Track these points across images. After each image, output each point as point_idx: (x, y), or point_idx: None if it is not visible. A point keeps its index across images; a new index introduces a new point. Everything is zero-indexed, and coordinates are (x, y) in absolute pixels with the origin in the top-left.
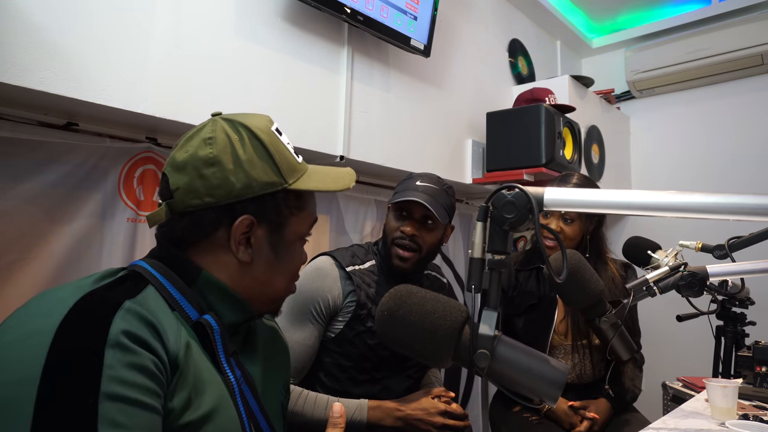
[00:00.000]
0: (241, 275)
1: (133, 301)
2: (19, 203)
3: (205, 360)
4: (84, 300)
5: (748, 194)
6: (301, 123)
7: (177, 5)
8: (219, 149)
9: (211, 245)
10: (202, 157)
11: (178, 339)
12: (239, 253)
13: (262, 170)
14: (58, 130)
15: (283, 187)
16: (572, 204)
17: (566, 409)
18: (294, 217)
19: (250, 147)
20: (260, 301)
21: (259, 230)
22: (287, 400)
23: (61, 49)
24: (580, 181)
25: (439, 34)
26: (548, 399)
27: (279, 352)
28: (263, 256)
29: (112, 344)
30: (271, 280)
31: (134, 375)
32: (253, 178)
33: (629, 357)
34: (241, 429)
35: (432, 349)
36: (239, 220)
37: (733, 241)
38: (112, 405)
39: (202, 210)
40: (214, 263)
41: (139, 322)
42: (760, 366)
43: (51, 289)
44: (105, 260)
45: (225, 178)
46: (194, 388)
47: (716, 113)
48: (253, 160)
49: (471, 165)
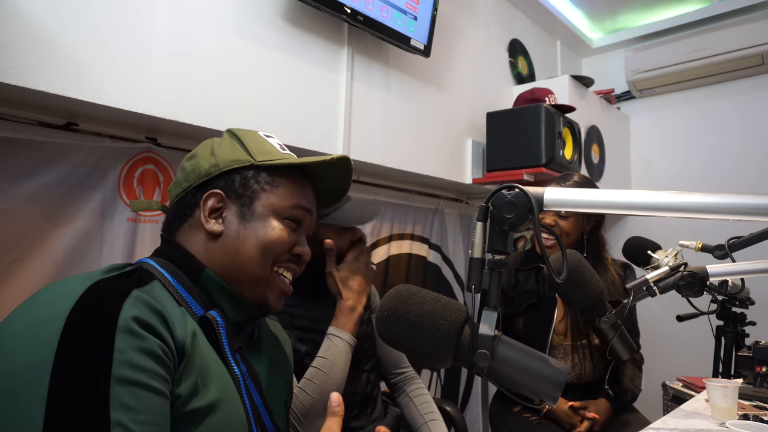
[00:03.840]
0: (213, 250)
1: (141, 290)
2: (19, 203)
3: (211, 352)
4: (94, 288)
5: (748, 194)
6: (301, 123)
7: (177, 6)
8: (200, 148)
9: (191, 226)
10: (186, 158)
11: (184, 328)
12: (207, 224)
13: (230, 151)
14: (58, 130)
15: (251, 163)
16: (572, 204)
17: (566, 410)
18: (265, 193)
19: (228, 140)
20: (239, 282)
21: (230, 203)
22: (290, 398)
23: (61, 48)
24: (580, 181)
25: (439, 34)
26: (548, 399)
27: (283, 352)
28: (232, 228)
29: (122, 329)
30: (240, 251)
31: (144, 359)
32: (219, 158)
33: (629, 357)
34: (246, 422)
35: (432, 349)
36: (207, 193)
37: (733, 241)
38: (123, 388)
39: (182, 195)
40: (194, 242)
41: (147, 309)
42: (760, 366)
43: (60, 280)
44: (105, 260)
45: (197, 164)
46: (201, 377)
47: (716, 113)
48: (223, 145)
49: (471, 165)
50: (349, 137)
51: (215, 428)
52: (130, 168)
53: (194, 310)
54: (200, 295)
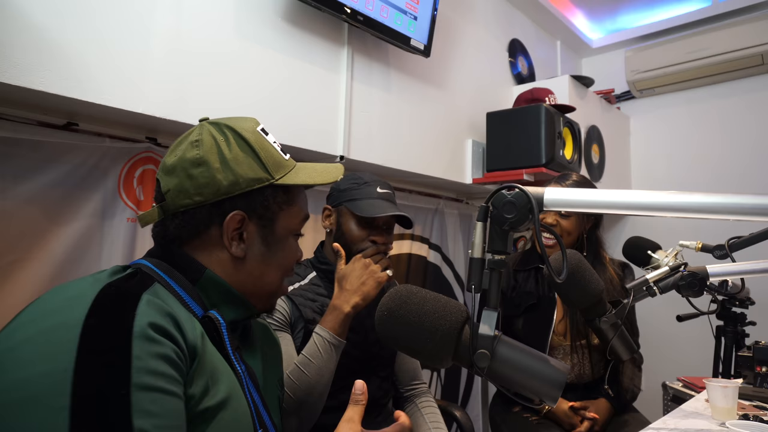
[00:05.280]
0: (235, 271)
1: (150, 293)
2: (19, 203)
3: (215, 351)
4: (105, 292)
5: (748, 194)
6: (301, 123)
7: (177, 6)
8: (205, 150)
9: (205, 243)
10: (189, 159)
11: (194, 329)
12: (232, 248)
13: (248, 167)
14: (58, 130)
15: (270, 182)
16: (572, 204)
17: (566, 410)
18: (283, 212)
19: (236, 146)
20: (256, 296)
21: (251, 225)
22: (283, 394)
23: (61, 48)
24: (579, 181)
25: (439, 34)
26: (548, 399)
27: (274, 349)
28: (256, 251)
29: (138, 335)
30: (265, 274)
31: (161, 365)
32: (239, 175)
33: (629, 357)
34: (251, 418)
35: (432, 349)
36: (230, 216)
37: (733, 241)
38: (144, 395)
39: (193, 209)
40: (209, 260)
41: (160, 314)
42: (760, 366)
43: (63, 285)
44: (105, 260)
45: (212, 176)
46: (211, 377)
47: (716, 113)
48: (238, 158)
49: (471, 165)
50: (349, 137)
51: (226, 425)
52: (130, 168)
53: (194, 310)
54: (198, 296)
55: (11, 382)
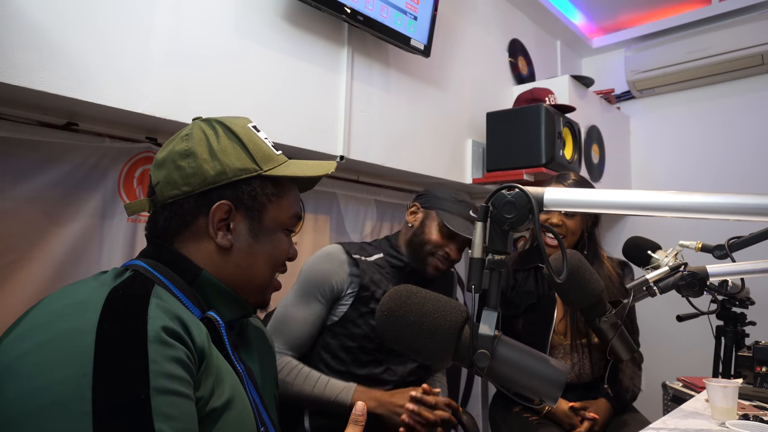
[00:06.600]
0: (223, 262)
1: (156, 297)
2: (19, 203)
3: (217, 351)
4: (113, 296)
5: (748, 194)
6: (301, 123)
7: (177, 6)
8: (194, 142)
9: (193, 234)
10: (178, 151)
11: (200, 332)
12: (218, 237)
13: (236, 157)
14: (58, 130)
15: (258, 173)
16: (572, 204)
17: (566, 410)
18: (272, 205)
19: (224, 138)
20: (245, 290)
21: (238, 216)
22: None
23: (61, 48)
24: (578, 180)
25: (439, 34)
26: (548, 399)
27: (268, 348)
28: (243, 242)
29: (152, 340)
30: (252, 266)
31: (175, 368)
32: (226, 165)
33: (629, 356)
34: (254, 417)
35: (432, 349)
36: (216, 205)
37: (733, 241)
38: (162, 398)
39: (181, 199)
40: (197, 251)
41: (169, 317)
42: (760, 366)
43: (67, 288)
44: (105, 260)
45: (199, 167)
46: (216, 377)
47: (716, 113)
48: (226, 149)
49: (471, 165)
50: (349, 137)
51: (231, 424)
52: (130, 168)
53: (193, 312)
54: (195, 297)
55: (29, 391)
